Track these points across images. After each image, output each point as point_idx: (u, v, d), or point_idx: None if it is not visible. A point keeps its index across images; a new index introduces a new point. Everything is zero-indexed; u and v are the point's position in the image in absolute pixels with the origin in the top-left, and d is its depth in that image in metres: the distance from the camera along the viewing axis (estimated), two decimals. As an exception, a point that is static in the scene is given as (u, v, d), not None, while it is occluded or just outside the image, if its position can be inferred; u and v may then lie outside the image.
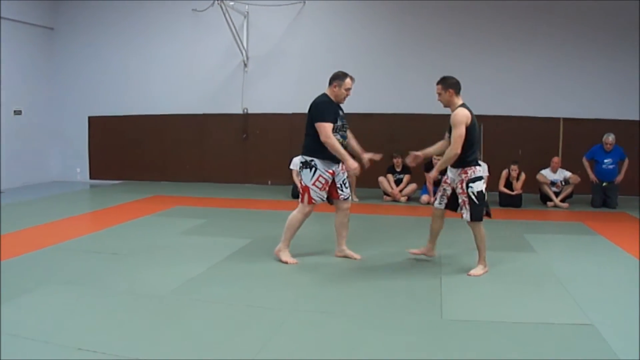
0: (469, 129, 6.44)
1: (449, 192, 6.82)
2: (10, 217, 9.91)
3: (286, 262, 6.83)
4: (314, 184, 6.74)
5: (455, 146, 6.34)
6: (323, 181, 6.75)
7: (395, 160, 12.30)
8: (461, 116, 6.49)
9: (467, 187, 6.43)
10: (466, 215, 6.53)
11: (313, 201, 6.78)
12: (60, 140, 16.27)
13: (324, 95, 7.20)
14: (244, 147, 15.15)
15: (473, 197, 6.43)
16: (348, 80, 7.08)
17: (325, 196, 6.90)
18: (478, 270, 6.44)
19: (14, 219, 9.76)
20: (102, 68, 15.85)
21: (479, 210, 6.51)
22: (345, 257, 7.15)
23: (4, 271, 6.27)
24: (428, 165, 11.85)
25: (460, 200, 6.58)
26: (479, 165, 6.59)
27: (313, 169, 6.75)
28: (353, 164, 6.71)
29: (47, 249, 7.51)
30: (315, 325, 4.83)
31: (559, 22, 13.32)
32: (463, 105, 6.75)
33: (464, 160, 6.42)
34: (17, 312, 5.00)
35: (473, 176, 6.44)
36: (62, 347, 4.26)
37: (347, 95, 7.16)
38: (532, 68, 13.49)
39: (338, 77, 7.10)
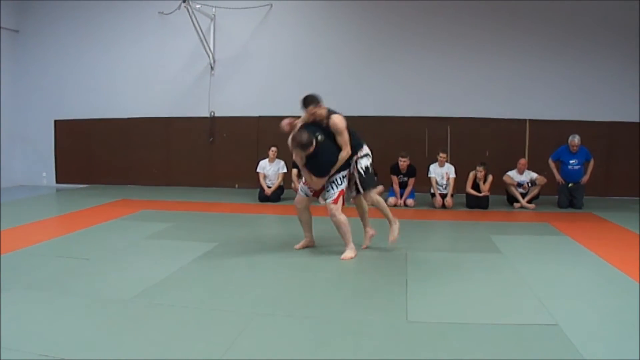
0: (347, 128, 7.19)
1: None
2: (-27, 222, 9.77)
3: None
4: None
5: (347, 149, 7.13)
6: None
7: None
8: (341, 121, 7.18)
9: (357, 163, 7.30)
10: (360, 188, 7.35)
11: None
12: (25, 143, 16.11)
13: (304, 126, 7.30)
14: (211, 150, 15.09)
15: (362, 171, 7.29)
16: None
17: (310, 192, 7.42)
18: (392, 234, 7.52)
19: (-23, 224, 9.62)
20: (68, 71, 15.74)
21: (368, 180, 7.39)
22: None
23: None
24: (394, 167, 11.88)
25: (353, 182, 7.39)
26: (362, 146, 7.45)
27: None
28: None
29: (10, 254, 7.35)
30: (278, 329, 4.78)
31: (523, 24, 13.45)
32: (330, 110, 7.32)
33: (352, 150, 7.24)
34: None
35: (361, 154, 7.34)
36: (24, 354, 4.18)
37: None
38: (498, 69, 13.61)
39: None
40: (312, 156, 6.95)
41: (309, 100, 7.13)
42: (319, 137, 6.91)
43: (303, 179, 7.46)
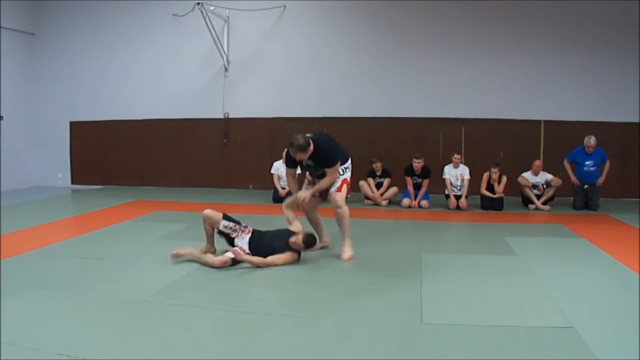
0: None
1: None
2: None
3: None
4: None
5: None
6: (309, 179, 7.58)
7: (374, 165, 12.24)
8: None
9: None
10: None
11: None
12: (41, 145, 16.20)
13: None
14: (225, 151, 15.11)
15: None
16: (291, 151, 7.12)
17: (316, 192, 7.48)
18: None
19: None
20: (83, 73, 15.83)
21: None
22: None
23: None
24: (408, 169, 11.86)
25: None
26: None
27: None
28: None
29: (27, 254, 7.42)
30: (293, 330, 4.80)
31: (539, 24, 13.38)
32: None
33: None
34: (-4, 318, 4.93)
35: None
36: (41, 352, 4.21)
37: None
38: (514, 71, 13.54)
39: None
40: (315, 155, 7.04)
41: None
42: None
43: (308, 178, 7.57)
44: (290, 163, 7.43)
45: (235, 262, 6.68)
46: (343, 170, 7.30)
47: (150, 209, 11.50)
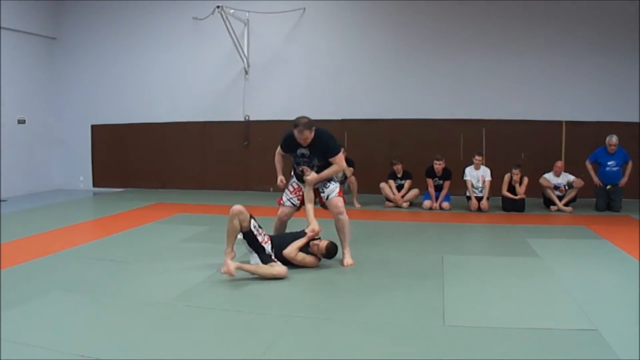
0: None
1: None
2: (14, 225, 9.95)
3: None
4: (289, 185, 7.60)
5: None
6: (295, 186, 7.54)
7: (395, 167, 12.23)
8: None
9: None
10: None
11: (281, 202, 7.58)
12: (63, 148, 16.32)
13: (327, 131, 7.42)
14: (246, 154, 15.14)
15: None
16: (296, 131, 7.16)
17: (297, 202, 7.49)
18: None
19: (18, 226, 9.81)
20: (104, 76, 15.93)
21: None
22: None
23: (7, 279, 6.28)
24: (429, 170, 11.85)
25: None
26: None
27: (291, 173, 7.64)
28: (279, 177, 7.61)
29: (50, 256, 7.51)
30: (316, 332, 4.80)
31: (559, 24, 13.29)
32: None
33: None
34: (21, 320, 4.99)
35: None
36: (64, 354, 4.24)
37: (299, 141, 7.24)
38: (534, 71, 13.45)
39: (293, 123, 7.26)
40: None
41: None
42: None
43: (290, 187, 7.53)
44: (286, 147, 7.46)
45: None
46: (337, 178, 7.46)
47: (171, 211, 11.57)
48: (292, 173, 7.57)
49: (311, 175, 7.13)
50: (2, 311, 5.12)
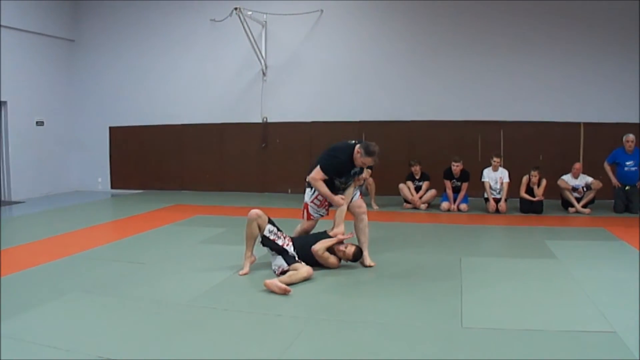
0: None
1: None
2: (33, 227, 10.06)
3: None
4: (312, 202, 7.36)
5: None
6: (320, 199, 7.31)
7: (413, 168, 12.22)
8: None
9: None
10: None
11: (312, 217, 7.44)
12: (81, 150, 16.43)
13: (348, 147, 7.15)
14: (264, 156, 15.18)
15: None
16: (370, 159, 6.98)
17: (326, 213, 7.46)
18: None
19: (37, 228, 9.91)
20: (122, 79, 16.03)
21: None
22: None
23: (25, 280, 6.37)
24: (447, 172, 11.84)
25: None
26: None
27: (313, 189, 7.29)
28: (338, 201, 7.14)
29: (68, 257, 7.57)
30: (333, 334, 4.81)
31: (578, 26, 13.22)
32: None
33: None
34: (39, 321, 5.04)
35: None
36: (83, 355, 4.28)
37: (361, 166, 7.16)
38: (552, 73, 13.39)
39: (365, 149, 6.96)
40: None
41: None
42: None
43: (317, 201, 7.37)
44: (337, 173, 7.16)
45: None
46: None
47: (189, 213, 11.61)
48: (312, 190, 7.31)
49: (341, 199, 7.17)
50: (20, 313, 5.17)
